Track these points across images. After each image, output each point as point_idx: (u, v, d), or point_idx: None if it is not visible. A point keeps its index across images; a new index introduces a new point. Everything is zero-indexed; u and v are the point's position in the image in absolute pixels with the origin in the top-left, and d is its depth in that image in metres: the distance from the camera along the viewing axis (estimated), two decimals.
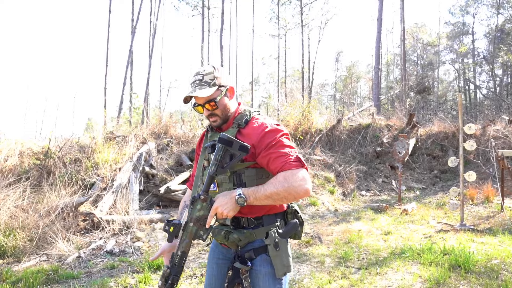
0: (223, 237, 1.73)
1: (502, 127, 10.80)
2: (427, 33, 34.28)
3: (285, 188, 1.56)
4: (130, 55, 18.90)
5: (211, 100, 1.73)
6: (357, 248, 5.12)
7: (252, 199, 1.58)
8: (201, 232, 1.62)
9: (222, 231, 1.74)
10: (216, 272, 1.87)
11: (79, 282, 4.08)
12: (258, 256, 1.73)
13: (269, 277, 1.72)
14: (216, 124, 1.79)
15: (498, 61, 25.81)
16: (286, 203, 1.65)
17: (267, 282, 1.72)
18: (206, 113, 1.77)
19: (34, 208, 5.73)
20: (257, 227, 1.73)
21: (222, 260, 1.86)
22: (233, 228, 1.73)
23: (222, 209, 1.57)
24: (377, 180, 10.58)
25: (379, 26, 18.89)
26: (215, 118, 1.78)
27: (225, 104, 1.78)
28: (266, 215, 1.74)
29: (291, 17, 28.63)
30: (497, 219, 6.64)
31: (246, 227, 1.73)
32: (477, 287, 3.63)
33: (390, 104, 23.89)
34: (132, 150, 7.77)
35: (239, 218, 1.74)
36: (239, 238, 1.70)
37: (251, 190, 1.60)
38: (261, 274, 1.72)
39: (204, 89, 1.70)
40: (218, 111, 1.76)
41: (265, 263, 1.72)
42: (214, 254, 1.91)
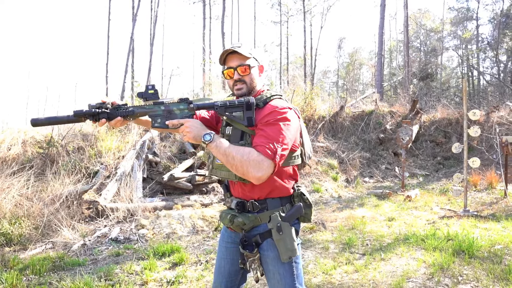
0: (228, 220, 1.76)
1: (506, 114, 10.73)
2: (431, 19, 33.80)
3: (242, 160, 1.57)
4: (131, 43, 18.78)
5: (245, 64, 1.75)
6: (361, 234, 5.13)
7: (214, 144, 1.61)
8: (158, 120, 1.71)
9: (228, 214, 1.76)
10: (224, 255, 1.90)
11: (85, 269, 4.11)
12: (264, 241, 1.74)
13: (277, 260, 1.73)
14: (241, 92, 1.78)
15: (502, 47, 25.47)
16: (233, 171, 1.62)
17: (276, 265, 1.73)
18: (236, 76, 1.77)
19: (39, 197, 5.75)
20: (261, 211, 1.74)
21: (231, 244, 1.88)
22: (238, 212, 1.74)
23: (189, 129, 1.63)
24: (380, 166, 10.57)
25: (382, 12, 18.65)
26: (241, 86, 1.78)
27: (254, 77, 1.80)
28: (269, 199, 1.74)
29: (293, 3, 28.32)
30: (500, 205, 6.64)
31: (251, 211, 1.74)
32: (481, 272, 3.64)
33: (393, 91, 23.74)
34: (135, 138, 7.76)
35: (244, 202, 1.74)
36: (243, 221, 1.71)
37: (221, 140, 1.64)
38: (269, 258, 1.74)
39: (243, 50, 1.75)
40: (247, 78, 1.77)
41: (271, 247, 1.73)
42: (223, 237, 1.93)
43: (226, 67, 1.79)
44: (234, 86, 1.78)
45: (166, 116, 1.69)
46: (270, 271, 1.75)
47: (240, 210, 1.75)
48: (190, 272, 3.98)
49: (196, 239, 5.26)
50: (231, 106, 1.67)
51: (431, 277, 3.57)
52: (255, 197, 1.74)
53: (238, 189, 1.79)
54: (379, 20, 18.82)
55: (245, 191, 1.75)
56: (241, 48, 1.75)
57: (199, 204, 6.69)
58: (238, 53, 1.73)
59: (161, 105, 1.69)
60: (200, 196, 7.23)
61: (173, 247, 4.57)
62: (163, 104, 1.69)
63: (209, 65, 15.97)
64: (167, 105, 1.69)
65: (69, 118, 1.63)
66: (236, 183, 1.79)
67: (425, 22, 32.74)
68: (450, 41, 32.32)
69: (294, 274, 1.75)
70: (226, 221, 1.77)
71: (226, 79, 1.81)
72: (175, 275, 3.83)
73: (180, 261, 4.22)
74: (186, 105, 1.70)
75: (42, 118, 1.63)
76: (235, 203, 1.75)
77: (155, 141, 8.11)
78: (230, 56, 1.76)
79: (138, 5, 19.22)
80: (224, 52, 1.76)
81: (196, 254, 4.54)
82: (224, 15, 22.28)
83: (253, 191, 1.74)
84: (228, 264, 1.87)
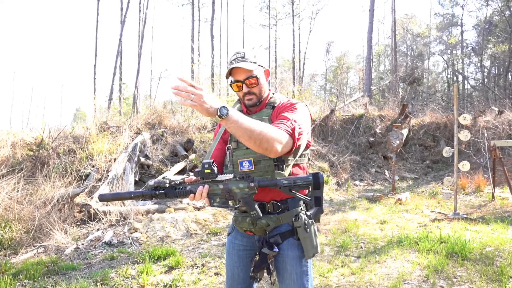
0: (249, 223, 1.74)
1: (492, 118, 10.97)
2: (417, 24, 34.38)
3: (263, 133, 1.45)
4: (120, 45, 18.63)
5: (253, 76, 1.74)
6: (355, 237, 5.19)
7: (234, 118, 1.40)
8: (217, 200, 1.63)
9: (247, 218, 1.74)
10: (238, 264, 1.88)
11: (79, 273, 4.06)
12: (285, 240, 1.76)
13: (296, 260, 1.75)
14: (251, 102, 1.79)
15: (486, 53, 26.07)
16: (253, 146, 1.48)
17: (295, 265, 1.75)
18: (245, 89, 1.76)
19: (29, 200, 5.65)
20: (282, 211, 1.75)
21: (243, 251, 1.87)
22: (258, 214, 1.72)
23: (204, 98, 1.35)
24: (370, 170, 10.69)
25: (371, 17, 18.89)
26: (251, 97, 1.78)
27: (263, 84, 1.80)
28: (291, 199, 1.76)
29: (282, 7, 28.52)
30: (489, 208, 6.78)
31: (272, 212, 1.75)
32: (474, 273, 3.72)
33: (381, 95, 24.04)
34: (126, 141, 7.69)
35: (264, 204, 1.74)
36: (267, 223, 1.72)
37: (239, 113, 1.44)
38: (289, 258, 1.75)
39: (248, 63, 1.72)
40: (256, 89, 1.78)
41: (292, 246, 1.76)
42: (233, 246, 1.90)
43: (233, 80, 1.77)
44: (245, 97, 1.79)
45: (225, 195, 1.62)
46: (288, 271, 1.75)
47: (262, 212, 1.73)
48: (186, 275, 3.96)
49: (191, 242, 5.24)
50: (297, 186, 1.60)
51: (427, 279, 3.63)
52: (276, 198, 1.75)
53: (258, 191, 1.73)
54: (368, 25, 19.04)
55: (266, 192, 1.73)
56: (246, 59, 1.73)
57: (192, 207, 6.66)
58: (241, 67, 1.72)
59: (219, 184, 1.61)
60: None
61: (168, 251, 4.55)
62: (221, 183, 1.61)
63: (198, 68, 15.92)
64: (225, 184, 1.61)
65: (131, 196, 1.66)
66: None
67: (411, 27, 33.26)
68: (436, 46, 32.94)
69: (308, 274, 1.78)
70: (246, 224, 1.75)
71: (235, 91, 1.81)
72: (172, 278, 3.81)
73: (176, 265, 4.20)
74: (247, 184, 1.60)
75: (108, 194, 1.67)
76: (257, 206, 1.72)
77: (147, 144, 8.05)
78: (236, 69, 1.74)
79: (127, 7, 19.08)
80: (230, 65, 1.74)
81: (192, 257, 4.52)
82: (213, 18, 22.31)
83: (280, 192, 1.72)
84: (242, 271, 1.87)
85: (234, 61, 1.73)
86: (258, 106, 1.83)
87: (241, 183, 1.60)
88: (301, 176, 1.61)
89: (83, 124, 8.71)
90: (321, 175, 1.58)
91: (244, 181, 1.60)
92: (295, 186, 1.60)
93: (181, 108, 10.46)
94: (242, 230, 1.83)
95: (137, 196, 1.63)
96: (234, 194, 1.61)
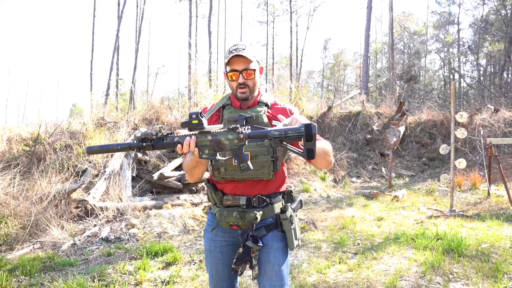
0: (236, 217, 1.74)
1: (488, 116, 11.02)
2: (414, 22, 34.41)
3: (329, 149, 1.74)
4: (117, 40, 18.51)
5: (250, 69, 1.77)
6: (352, 234, 5.20)
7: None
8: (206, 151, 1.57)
9: (234, 212, 1.75)
10: (222, 260, 1.87)
11: (76, 269, 4.05)
12: (269, 232, 1.80)
13: (280, 251, 1.80)
14: (244, 96, 1.80)
15: (482, 51, 26.15)
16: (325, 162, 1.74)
17: (278, 256, 1.79)
18: (241, 80, 1.77)
19: (25, 195, 5.62)
20: (267, 205, 1.80)
21: (226, 247, 1.87)
22: (246, 207, 1.76)
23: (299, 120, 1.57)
24: (367, 167, 10.72)
25: (368, 14, 18.89)
26: (245, 90, 1.79)
27: (257, 80, 1.83)
28: (274, 193, 1.83)
29: (280, 4, 28.42)
30: (484, 205, 6.83)
31: (256, 206, 1.78)
32: (470, 270, 3.74)
33: (378, 92, 24.09)
34: (123, 136, 7.66)
35: (250, 198, 1.77)
36: (255, 216, 1.74)
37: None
38: (273, 248, 1.79)
39: (249, 54, 1.75)
40: (251, 82, 1.79)
41: (276, 238, 1.80)
42: (215, 243, 1.89)
43: (230, 68, 1.78)
44: (238, 89, 1.80)
45: (214, 147, 1.56)
46: (271, 262, 1.77)
47: (247, 206, 1.76)
48: (184, 271, 3.96)
49: (188, 238, 5.24)
50: (289, 137, 1.49)
51: (423, 276, 3.65)
52: (262, 192, 1.80)
53: (242, 187, 1.80)
54: (366, 22, 19.04)
55: (252, 186, 1.79)
56: (246, 51, 1.75)
57: (189, 203, 6.66)
58: (243, 56, 1.74)
59: (208, 135, 1.56)
60: (190, 195, 7.19)
61: (166, 247, 4.54)
62: (210, 134, 1.56)
63: (195, 64, 15.87)
64: (214, 135, 1.56)
65: (119, 148, 1.60)
66: (241, 183, 1.80)
67: (409, 25, 33.29)
68: (432, 44, 33.02)
69: (288, 266, 1.86)
70: (233, 218, 1.75)
71: (229, 80, 1.81)
72: (170, 275, 3.81)
73: (173, 261, 4.20)
74: (236, 135, 1.54)
75: (95, 147, 1.62)
76: (245, 200, 1.76)
77: None
78: (235, 58, 1.76)
79: (124, 2, 18.95)
80: (230, 54, 1.75)
81: (189, 253, 4.51)
82: (210, 14, 22.19)
83: (266, 187, 1.81)
84: (226, 267, 1.86)
85: (235, 50, 1.74)
86: (249, 101, 1.85)
87: (230, 134, 1.54)
88: (292, 127, 1.51)
89: (79, 120, 8.66)
90: (313, 125, 1.46)
91: (233, 132, 1.54)
92: (286, 137, 1.48)
93: (178, 104, 10.44)
94: (227, 225, 1.80)
95: (124, 148, 1.59)
96: (223, 145, 1.56)
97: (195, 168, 1.75)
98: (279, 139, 1.49)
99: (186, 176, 1.87)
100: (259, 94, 1.89)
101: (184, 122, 1.55)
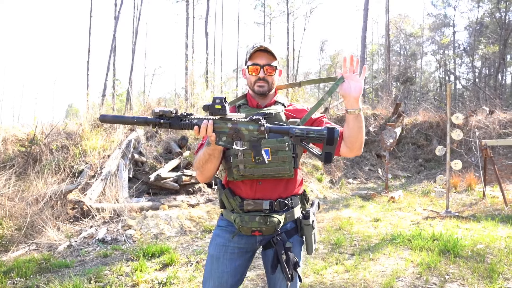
0: (260, 222, 1.66)
1: (484, 118, 11.09)
2: (410, 24, 34.59)
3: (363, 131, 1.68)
4: (114, 41, 18.48)
5: (273, 66, 1.76)
6: (349, 235, 5.21)
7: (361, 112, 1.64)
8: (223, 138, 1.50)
9: (256, 217, 1.67)
10: (228, 268, 1.76)
11: (73, 271, 4.03)
12: (290, 238, 1.74)
13: (300, 257, 1.77)
14: (262, 90, 1.78)
15: (477, 53, 26.33)
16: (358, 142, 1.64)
17: (299, 262, 1.75)
18: (262, 75, 1.76)
19: (21, 196, 5.58)
20: (288, 209, 1.74)
21: (238, 254, 1.78)
22: (269, 212, 1.68)
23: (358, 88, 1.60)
24: (363, 168, 10.75)
25: (365, 15, 18.94)
26: (264, 84, 1.78)
27: (275, 79, 1.83)
28: (293, 196, 1.78)
29: (276, 5, 28.50)
30: (480, 206, 6.87)
31: (278, 211, 1.71)
32: (466, 270, 3.76)
33: (374, 94, 24.17)
34: (120, 137, 7.64)
35: (272, 202, 1.70)
36: (279, 220, 1.68)
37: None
38: (296, 256, 1.73)
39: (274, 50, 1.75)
40: (270, 79, 1.78)
41: (296, 244, 1.76)
42: (226, 249, 1.78)
43: (251, 62, 1.76)
44: (256, 83, 1.77)
45: (233, 135, 1.50)
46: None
47: (270, 210, 1.69)
48: (181, 273, 3.96)
49: (185, 239, 5.23)
50: (310, 137, 1.46)
51: (420, 276, 3.67)
52: (282, 195, 1.74)
53: (262, 189, 1.73)
54: (362, 24, 19.10)
55: (273, 190, 1.72)
56: (271, 47, 1.75)
57: (186, 205, 6.65)
58: (267, 51, 1.73)
59: (228, 122, 1.49)
60: (186, 196, 7.17)
61: (163, 248, 4.53)
62: (230, 121, 1.49)
63: (192, 65, 15.86)
64: (235, 123, 1.49)
65: (134, 121, 1.52)
66: (260, 184, 1.73)
67: (405, 27, 33.46)
68: (428, 46, 33.20)
69: None
70: (255, 224, 1.66)
71: (248, 74, 1.79)
72: (167, 276, 3.80)
73: (170, 262, 4.19)
74: (257, 127, 1.48)
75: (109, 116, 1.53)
76: (268, 204, 1.68)
77: (141, 140, 8.01)
78: (259, 53, 1.75)
79: (121, 3, 18.92)
80: (256, 48, 1.75)
81: (186, 254, 4.51)
82: (208, 15, 22.21)
83: (286, 188, 1.74)
84: (230, 277, 1.77)
85: (260, 45, 1.74)
86: (267, 100, 1.83)
87: (251, 125, 1.48)
88: (315, 128, 1.49)
89: (76, 120, 8.63)
90: (336, 130, 1.45)
91: (254, 123, 1.48)
92: (308, 137, 1.45)
93: (175, 105, 10.42)
94: (249, 231, 1.69)
95: (140, 122, 1.50)
96: (242, 135, 1.50)
97: (207, 162, 1.66)
98: (300, 138, 1.46)
99: (196, 174, 1.80)
100: (276, 94, 1.88)
101: (207, 105, 1.48)
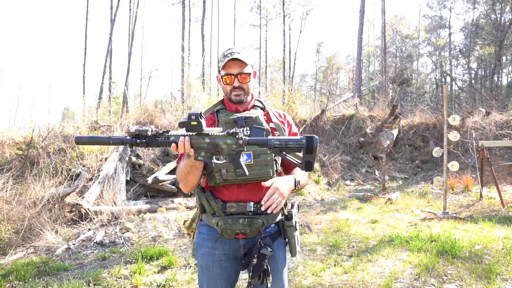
0: (244, 225, 1.68)
1: (480, 119, 11.15)
2: (406, 25, 34.77)
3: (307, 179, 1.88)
4: (110, 43, 18.45)
5: (245, 73, 1.78)
6: (347, 236, 5.23)
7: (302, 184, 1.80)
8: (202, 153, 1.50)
9: (240, 219, 1.68)
10: (220, 275, 1.77)
11: (71, 273, 4.02)
12: (275, 241, 1.76)
13: (283, 259, 1.81)
14: (239, 98, 1.80)
15: (473, 55, 26.49)
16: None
17: (284, 264, 1.81)
18: (236, 84, 1.78)
19: (18, 200, 5.56)
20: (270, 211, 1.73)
21: (225, 261, 1.78)
22: (252, 214, 1.70)
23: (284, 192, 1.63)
24: (360, 170, 10.78)
25: (361, 18, 19.02)
26: (240, 92, 1.80)
27: (251, 84, 1.84)
28: None
29: (273, 7, 28.57)
30: (477, 207, 6.90)
31: (261, 213, 1.72)
32: (464, 271, 3.78)
33: (371, 95, 24.25)
34: None
35: (256, 204, 1.72)
36: (262, 222, 1.70)
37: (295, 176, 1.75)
38: (280, 258, 1.78)
39: (246, 58, 1.77)
40: (246, 86, 1.80)
41: (281, 246, 1.80)
42: (213, 258, 1.77)
43: (225, 72, 1.78)
44: (232, 92, 1.79)
45: (211, 150, 1.50)
46: (278, 271, 1.77)
47: (254, 213, 1.71)
48: (179, 275, 3.95)
49: (183, 242, 5.22)
50: (289, 147, 1.46)
51: (418, 277, 3.69)
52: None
53: (245, 192, 1.74)
54: (358, 26, 19.16)
55: (255, 192, 1.73)
56: (242, 54, 1.75)
57: (183, 207, 6.64)
58: (239, 59, 1.74)
59: (205, 137, 1.48)
60: (184, 199, 7.17)
61: (161, 251, 4.53)
62: (208, 136, 1.48)
63: (189, 67, 15.87)
64: (212, 138, 1.48)
65: (110, 142, 1.51)
66: (241, 187, 1.74)
67: (401, 28, 33.62)
68: (424, 48, 33.39)
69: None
70: (239, 226, 1.68)
71: (223, 84, 1.81)
72: (165, 278, 3.80)
73: (169, 265, 4.19)
74: (235, 140, 1.47)
75: (85, 137, 1.52)
76: (252, 206, 1.70)
77: None
78: (231, 62, 1.76)
79: (117, 6, 18.90)
80: (225, 58, 1.75)
81: (184, 257, 4.51)
82: (204, 17, 22.19)
83: (265, 191, 1.73)
84: (225, 282, 1.78)
85: (230, 54, 1.74)
86: (245, 105, 1.85)
87: (229, 139, 1.48)
88: (293, 137, 1.49)
89: (72, 123, 8.61)
90: (315, 138, 1.44)
91: (232, 137, 1.47)
92: (287, 147, 1.46)
93: (172, 107, 10.42)
94: (232, 234, 1.70)
95: (116, 142, 1.49)
96: (221, 149, 1.49)
97: (190, 173, 1.65)
98: (279, 149, 1.47)
99: (180, 185, 1.78)
100: (253, 98, 1.91)
101: (183, 122, 1.47)
